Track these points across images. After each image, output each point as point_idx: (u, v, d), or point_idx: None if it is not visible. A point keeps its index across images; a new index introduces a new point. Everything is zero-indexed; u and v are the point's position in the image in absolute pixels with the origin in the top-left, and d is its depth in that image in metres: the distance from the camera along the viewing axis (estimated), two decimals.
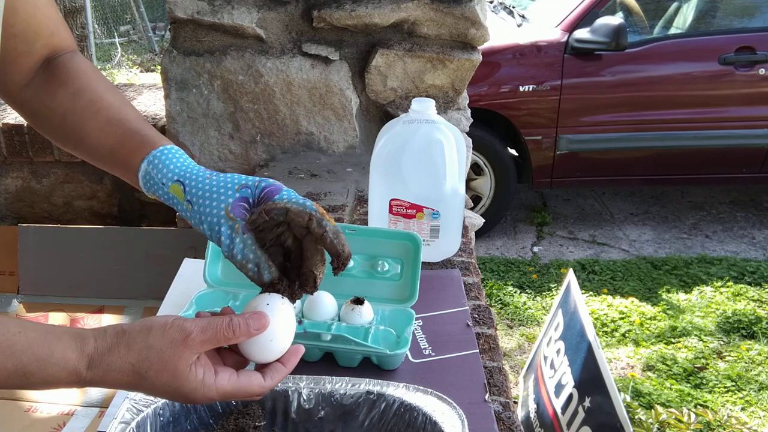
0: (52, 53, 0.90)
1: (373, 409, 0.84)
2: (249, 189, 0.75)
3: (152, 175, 0.78)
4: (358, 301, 1.09)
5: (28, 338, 0.62)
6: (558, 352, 1.93)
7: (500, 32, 4.14)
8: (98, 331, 0.66)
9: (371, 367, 1.03)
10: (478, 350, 1.09)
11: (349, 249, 0.74)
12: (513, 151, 4.26)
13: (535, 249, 4.17)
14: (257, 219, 0.73)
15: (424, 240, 1.25)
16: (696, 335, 3.23)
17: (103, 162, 0.85)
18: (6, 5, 0.80)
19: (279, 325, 0.69)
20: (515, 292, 3.62)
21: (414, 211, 1.30)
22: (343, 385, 0.85)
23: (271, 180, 0.76)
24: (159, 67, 1.95)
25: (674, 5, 4.35)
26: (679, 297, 3.59)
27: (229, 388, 0.67)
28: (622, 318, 3.39)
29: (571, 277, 2.05)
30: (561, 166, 4.15)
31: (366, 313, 1.08)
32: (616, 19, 3.99)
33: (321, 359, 1.05)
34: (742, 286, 3.66)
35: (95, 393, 1.65)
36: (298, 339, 1.04)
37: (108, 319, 1.76)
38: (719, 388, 2.87)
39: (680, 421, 2.18)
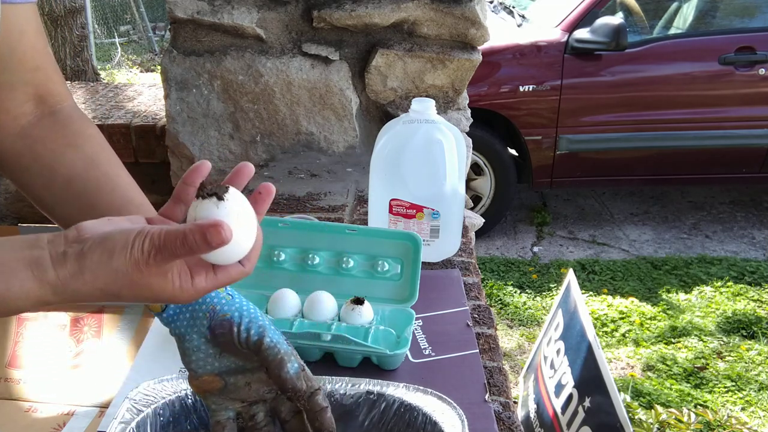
0: (42, 98, 0.84)
1: (373, 409, 0.84)
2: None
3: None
4: (358, 301, 1.09)
5: None
6: (558, 352, 1.93)
7: (500, 32, 4.14)
8: (56, 254, 0.60)
9: (371, 367, 1.03)
10: (478, 350, 1.09)
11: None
12: (513, 151, 4.27)
13: (535, 249, 4.17)
14: None
15: (424, 240, 1.25)
16: (696, 335, 3.23)
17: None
18: None
19: (240, 225, 0.61)
20: (515, 292, 3.62)
21: (414, 211, 1.30)
22: (343, 385, 0.85)
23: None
24: (159, 67, 1.95)
25: (674, 5, 4.36)
26: (679, 297, 3.59)
27: (210, 287, 0.63)
28: (622, 318, 3.39)
29: (571, 277, 2.05)
30: (561, 166, 4.15)
31: (366, 313, 1.08)
32: (616, 19, 4.00)
33: (321, 359, 1.05)
34: (742, 286, 3.66)
35: (95, 393, 1.65)
36: (299, 339, 1.05)
37: (108, 319, 1.76)
38: (719, 388, 2.87)
39: (680, 421, 2.18)
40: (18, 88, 0.82)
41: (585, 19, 4.05)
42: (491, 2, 4.88)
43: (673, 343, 3.19)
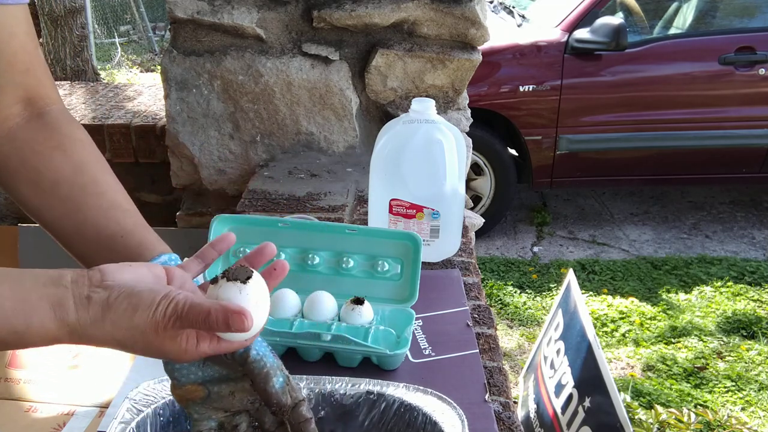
0: (31, 100, 0.83)
1: (373, 409, 0.84)
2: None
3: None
4: (358, 301, 1.09)
5: (3, 309, 0.59)
6: (558, 352, 1.93)
7: (500, 32, 4.14)
8: (80, 296, 0.61)
9: (371, 367, 1.03)
10: (478, 350, 1.09)
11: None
12: (513, 151, 4.27)
13: (535, 249, 4.17)
14: None
15: (424, 240, 1.25)
16: (696, 335, 3.23)
17: (90, 244, 0.80)
18: None
19: (257, 309, 0.65)
20: (515, 292, 3.62)
21: (414, 211, 1.30)
22: (343, 385, 0.85)
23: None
24: (159, 67, 1.95)
25: (674, 5, 4.36)
26: (679, 297, 3.59)
27: (211, 352, 0.64)
28: (622, 318, 3.39)
29: (571, 277, 2.05)
30: (561, 166, 4.15)
31: (366, 313, 1.08)
32: (616, 19, 4.00)
33: (321, 359, 1.05)
34: (742, 286, 3.66)
35: (95, 393, 1.65)
36: (299, 339, 1.05)
37: None
38: (719, 388, 2.87)
39: (680, 421, 2.18)
40: (6, 90, 0.82)
41: (585, 19, 4.05)
42: (491, 2, 4.88)
43: (673, 343, 3.19)
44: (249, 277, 0.64)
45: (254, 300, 0.64)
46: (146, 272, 0.65)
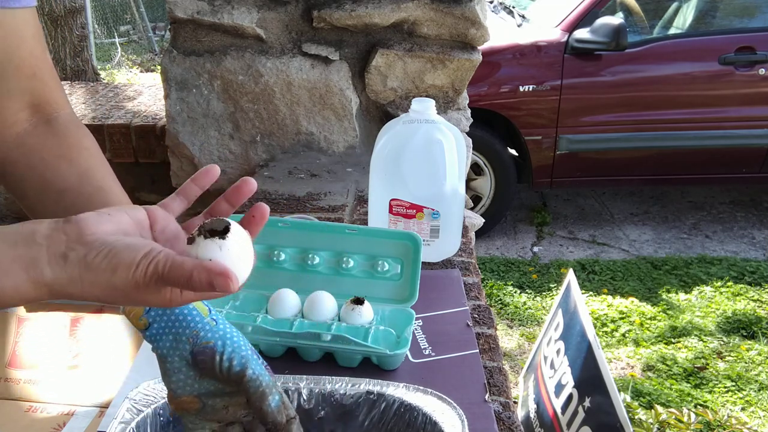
0: (39, 106, 0.83)
1: (373, 409, 0.84)
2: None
3: None
4: (358, 301, 1.09)
5: None
6: (558, 352, 1.93)
7: (500, 32, 4.14)
8: (55, 254, 0.58)
9: (371, 367, 1.03)
10: (478, 350, 1.09)
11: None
12: (513, 151, 4.27)
13: (535, 249, 4.17)
14: None
15: (424, 240, 1.25)
16: (696, 335, 3.23)
17: None
18: None
19: (240, 261, 0.62)
20: (515, 292, 3.62)
21: (414, 211, 1.30)
22: (343, 385, 0.85)
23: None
24: (159, 67, 1.95)
25: (674, 5, 4.36)
26: (679, 297, 3.59)
27: (196, 299, 0.63)
28: (622, 318, 3.39)
29: (571, 277, 2.05)
30: (561, 166, 4.15)
31: (366, 313, 1.08)
32: (616, 19, 4.00)
33: (321, 359, 1.05)
34: (742, 286, 3.66)
35: (95, 393, 1.65)
36: (299, 339, 1.05)
37: (108, 319, 1.76)
38: (719, 388, 2.87)
39: (680, 421, 2.18)
40: (14, 95, 0.81)
41: (585, 19, 4.05)
42: (491, 2, 4.88)
43: (673, 343, 3.19)
44: (227, 231, 0.61)
45: (236, 254, 0.60)
46: (127, 219, 0.63)
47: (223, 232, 0.60)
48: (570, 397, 1.75)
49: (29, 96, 0.82)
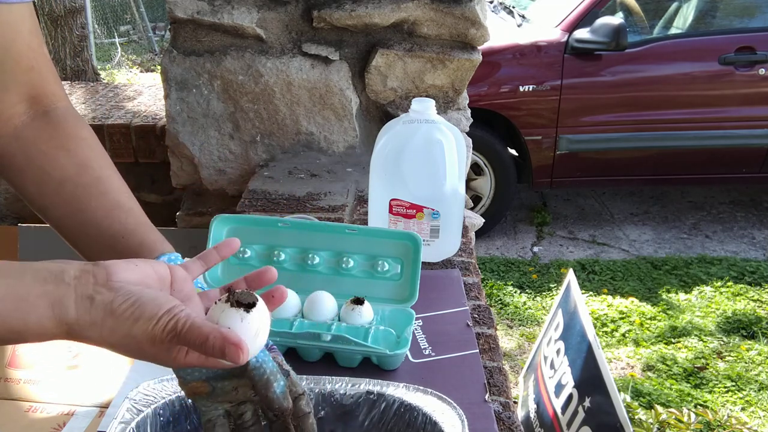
0: (37, 98, 0.84)
1: (373, 409, 0.84)
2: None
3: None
4: (358, 301, 1.09)
5: (1, 308, 0.58)
6: (558, 352, 1.93)
7: (500, 32, 4.14)
8: (82, 296, 0.60)
9: (371, 367, 1.03)
10: (478, 350, 1.09)
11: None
12: (513, 151, 4.27)
13: (535, 249, 4.17)
14: None
15: (424, 240, 1.25)
16: (696, 335, 3.23)
17: (93, 243, 0.81)
18: None
19: (256, 338, 0.64)
20: (515, 292, 3.62)
21: (414, 211, 1.30)
22: (343, 385, 0.85)
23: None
24: (159, 67, 1.95)
25: (674, 5, 4.36)
26: (679, 297, 3.59)
27: (198, 364, 0.64)
28: (622, 318, 3.39)
29: (571, 277, 2.05)
30: (561, 166, 4.15)
31: (366, 313, 1.08)
32: (616, 19, 4.00)
33: (321, 359, 1.05)
34: (742, 286, 3.66)
35: (95, 393, 1.65)
36: (299, 339, 1.05)
37: None
38: (719, 388, 2.87)
39: (680, 421, 2.18)
40: (12, 88, 0.82)
41: (585, 19, 4.05)
42: (491, 2, 4.88)
43: (673, 343, 3.19)
44: (253, 305, 0.64)
45: (254, 329, 0.63)
46: (151, 272, 0.65)
47: (249, 305, 0.63)
48: (570, 397, 1.75)
49: (27, 89, 0.83)
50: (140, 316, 0.60)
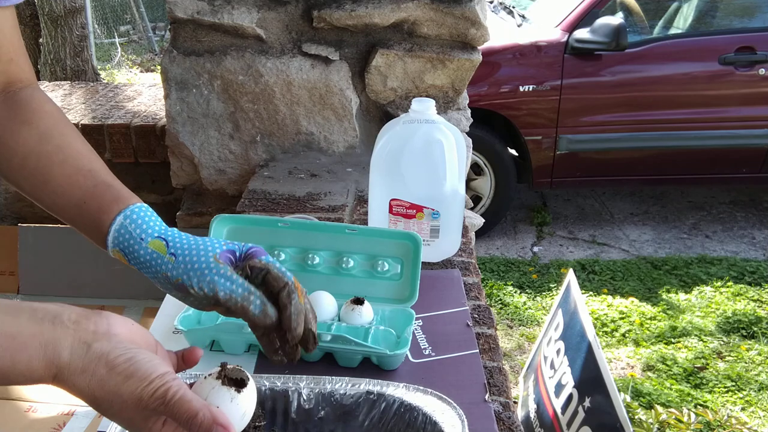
0: (10, 84, 0.88)
1: (373, 409, 0.84)
2: (236, 245, 0.79)
3: (129, 229, 0.78)
4: (358, 301, 1.09)
5: None
6: (558, 352, 1.93)
7: (500, 32, 4.14)
8: (79, 342, 0.58)
9: (371, 367, 1.03)
10: (478, 350, 1.09)
11: (301, 332, 0.76)
12: (513, 151, 4.27)
13: (535, 249, 4.17)
14: (241, 272, 0.77)
15: (424, 240, 1.25)
16: (696, 335, 3.23)
17: (64, 212, 0.83)
18: None
19: (242, 420, 0.64)
20: (515, 292, 3.62)
21: (414, 211, 1.30)
22: (343, 385, 0.85)
23: (252, 244, 0.79)
24: (159, 67, 1.95)
25: (674, 5, 4.36)
26: (679, 297, 3.59)
27: None
28: (622, 318, 3.39)
29: (571, 277, 2.05)
30: (561, 166, 4.15)
31: (366, 313, 1.08)
32: (616, 19, 3.99)
33: (321, 359, 1.05)
34: (742, 286, 3.66)
35: None
36: None
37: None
38: (719, 388, 2.87)
39: (680, 421, 2.18)
40: None
41: (585, 19, 4.05)
42: (491, 2, 4.88)
43: (673, 343, 3.19)
44: (244, 384, 0.63)
45: (242, 410, 0.63)
46: (146, 338, 0.66)
47: (240, 384, 0.64)
48: (570, 397, 1.75)
49: (4, 78, 0.87)
50: (133, 374, 0.58)
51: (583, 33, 3.99)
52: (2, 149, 0.84)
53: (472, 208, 2.08)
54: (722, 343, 3.20)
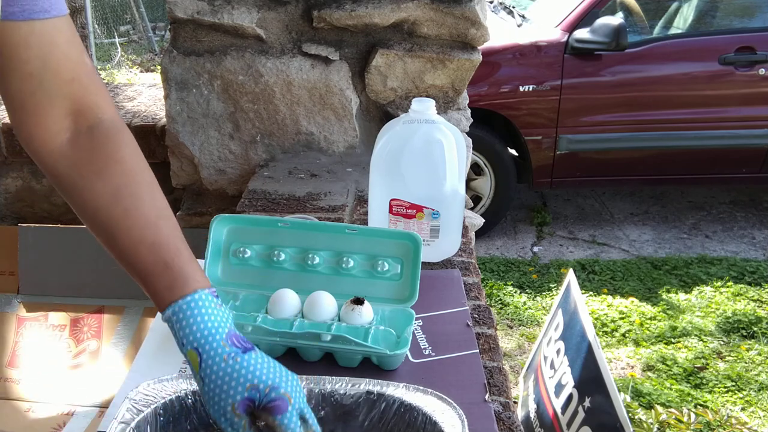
0: (80, 112, 0.83)
1: (373, 409, 0.84)
2: (258, 392, 0.75)
3: (174, 327, 0.78)
4: (358, 301, 1.09)
5: None
6: (558, 352, 1.93)
7: (500, 32, 4.14)
8: None
9: (371, 367, 1.03)
10: (478, 350, 1.09)
11: None
12: (513, 151, 4.26)
13: (535, 249, 4.17)
14: (254, 427, 0.75)
15: (424, 240, 1.25)
16: (696, 335, 3.23)
17: (128, 272, 0.82)
18: (18, 39, 0.77)
19: None
20: (515, 292, 3.62)
21: (414, 211, 1.30)
22: (343, 385, 0.85)
23: (282, 391, 0.75)
24: (159, 67, 1.95)
25: (674, 5, 4.35)
26: (679, 297, 3.59)
27: None
28: (622, 318, 3.39)
29: (571, 277, 2.05)
30: (561, 166, 4.15)
31: (366, 313, 1.08)
32: (616, 19, 3.99)
33: (321, 359, 1.05)
34: (742, 286, 3.66)
35: (95, 393, 1.65)
36: (299, 339, 1.05)
37: (108, 319, 1.76)
38: (719, 388, 2.87)
39: (680, 421, 2.18)
40: (56, 102, 0.82)
41: (585, 19, 4.05)
42: (491, 2, 4.88)
43: (673, 343, 3.19)
44: None
45: None
46: None
47: None
48: (570, 397, 1.75)
49: (70, 102, 0.83)
50: None
51: (583, 33, 3.99)
52: (76, 196, 0.83)
53: (472, 208, 2.08)
54: (722, 343, 3.20)
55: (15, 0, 0.75)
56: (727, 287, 3.65)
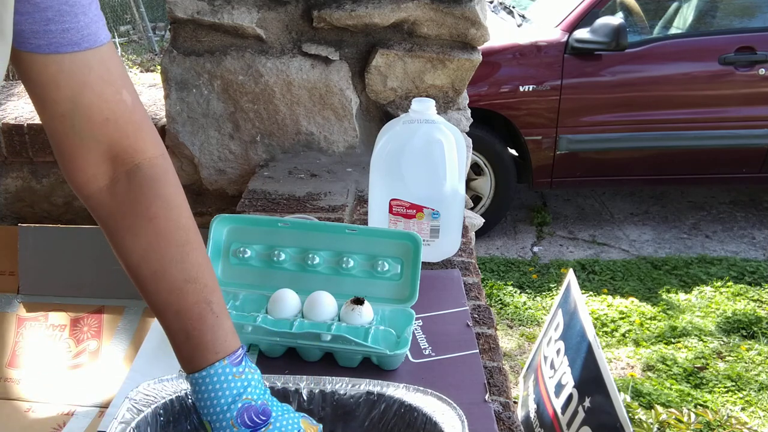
0: (118, 155, 0.78)
1: (373, 410, 0.84)
2: None
3: (192, 397, 0.79)
4: (358, 301, 1.09)
5: None
6: (558, 352, 1.93)
7: (500, 32, 4.14)
8: None
9: (371, 367, 1.03)
10: (478, 350, 1.09)
11: None
12: (513, 151, 4.27)
13: (535, 249, 4.17)
14: None
15: (424, 240, 1.25)
16: (696, 335, 3.23)
17: (160, 322, 0.82)
18: (47, 78, 0.71)
19: None
20: (515, 292, 3.62)
21: (414, 211, 1.30)
22: (343, 385, 0.85)
23: None
24: (159, 67, 1.95)
25: (674, 5, 4.35)
26: (679, 297, 3.59)
27: None
28: (622, 318, 3.39)
29: (571, 277, 2.05)
30: (561, 166, 4.15)
31: (366, 313, 1.08)
32: (616, 19, 3.99)
33: (321, 359, 1.05)
34: (742, 286, 3.66)
35: (95, 393, 1.65)
36: (299, 339, 1.05)
37: (108, 319, 1.76)
38: (719, 388, 2.87)
39: (680, 421, 2.18)
40: (91, 145, 0.76)
41: (585, 19, 4.05)
42: (491, 2, 4.88)
43: (673, 343, 3.19)
44: None
45: None
46: None
47: None
48: (570, 397, 1.75)
49: (105, 146, 0.77)
50: None
51: (583, 33, 3.99)
52: (112, 245, 0.80)
53: (472, 208, 2.08)
54: (722, 343, 3.20)
55: (41, 33, 0.69)
56: (727, 287, 3.65)
